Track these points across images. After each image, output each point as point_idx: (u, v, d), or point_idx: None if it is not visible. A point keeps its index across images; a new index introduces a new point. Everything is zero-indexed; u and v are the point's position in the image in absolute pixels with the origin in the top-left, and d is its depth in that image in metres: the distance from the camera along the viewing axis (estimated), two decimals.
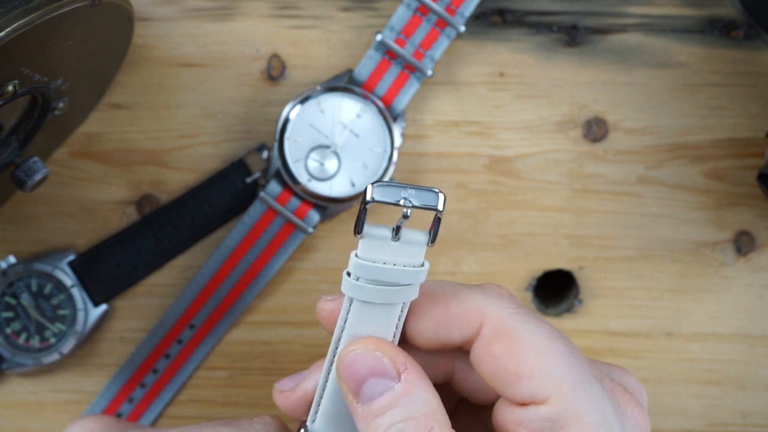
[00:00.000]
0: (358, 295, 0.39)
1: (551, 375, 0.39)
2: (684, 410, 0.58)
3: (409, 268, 0.39)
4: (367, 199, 0.38)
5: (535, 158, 0.57)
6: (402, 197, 0.38)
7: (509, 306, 0.40)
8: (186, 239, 0.57)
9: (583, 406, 0.39)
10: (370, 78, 0.56)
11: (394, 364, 0.39)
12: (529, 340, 0.39)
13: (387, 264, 0.39)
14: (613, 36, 0.57)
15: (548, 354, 0.39)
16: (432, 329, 0.41)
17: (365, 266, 0.39)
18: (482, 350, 0.40)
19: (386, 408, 0.39)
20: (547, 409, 0.39)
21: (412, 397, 0.39)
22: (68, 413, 0.57)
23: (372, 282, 0.39)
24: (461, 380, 0.43)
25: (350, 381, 0.39)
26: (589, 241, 0.57)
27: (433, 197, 0.38)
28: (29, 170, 0.50)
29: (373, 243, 0.39)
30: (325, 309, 0.42)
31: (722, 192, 0.58)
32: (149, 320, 0.57)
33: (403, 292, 0.39)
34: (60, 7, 0.43)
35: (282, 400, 0.43)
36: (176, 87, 0.57)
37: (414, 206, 0.38)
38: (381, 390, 0.39)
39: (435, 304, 0.41)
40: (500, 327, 0.40)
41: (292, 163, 0.55)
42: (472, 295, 0.41)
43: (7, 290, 0.56)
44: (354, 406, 0.39)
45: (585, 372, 0.39)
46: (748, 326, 0.58)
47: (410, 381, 0.39)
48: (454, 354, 0.43)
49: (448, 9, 0.55)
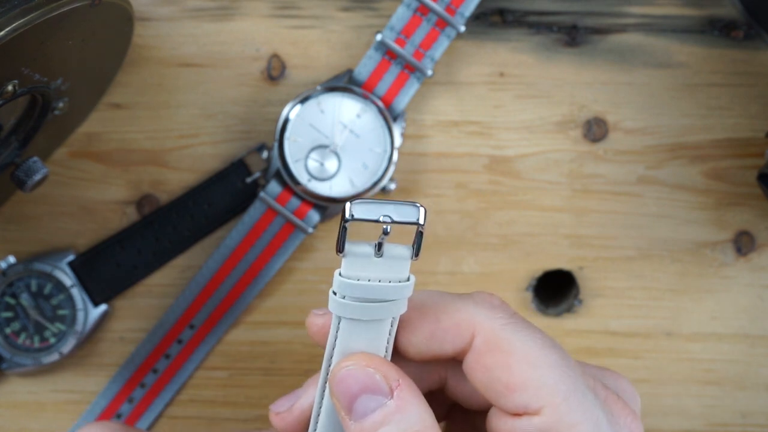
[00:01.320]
0: (345, 314, 0.39)
1: (544, 385, 0.39)
2: (684, 410, 0.58)
3: (394, 284, 0.39)
4: (347, 217, 0.37)
5: (535, 158, 0.57)
6: (381, 214, 0.37)
7: (501, 316, 0.40)
8: (186, 239, 0.57)
9: (577, 416, 0.39)
10: (370, 78, 0.56)
11: (386, 380, 0.39)
12: (521, 350, 0.39)
13: (372, 281, 0.38)
14: (613, 36, 0.57)
15: (541, 364, 0.39)
16: (424, 343, 0.40)
17: (350, 285, 0.38)
18: (474, 362, 0.40)
19: (379, 425, 0.38)
20: (541, 419, 0.39)
21: (405, 414, 0.38)
22: (68, 413, 0.57)
23: (358, 300, 0.39)
24: (454, 387, 0.43)
25: (342, 398, 0.39)
26: (589, 241, 0.57)
27: (414, 211, 0.38)
28: (29, 170, 0.50)
29: (355, 261, 0.38)
30: (316, 324, 0.42)
31: (722, 192, 0.58)
32: (149, 320, 0.57)
33: (391, 308, 0.39)
34: (60, 6, 0.43)
35: (279, 421, 0.43)
36: (176, 87, 0.57)
37: (394, 222, 0.37)
38: (374, 407, 0.38)
39: (425, 318, 0.40)
40: (492, 338, 0.40)
41: (292, 163, 0.55)
42: (463, 306, 0.40)
43: (7, 290, 0.56)
44: (347, 423, 0.39)
45: (577, 381, 0.39)
46: (748, 326, 0.58)
47: (403, 397, 0.39)
48: (447, 362, 0.43)
49: (448, 9, 0.55)
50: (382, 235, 0.38)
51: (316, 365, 0.50)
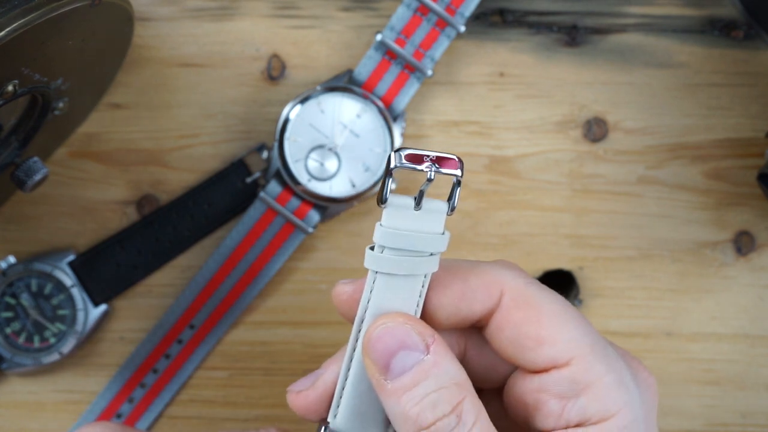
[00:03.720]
0: (383, 268, 0.39)
1: (572, 338, 0.40)
2: (684, 410, 0.58)
3: (433, 235, 0.39)
4: (392, 166, 0.38)
5: (535, 158, 0.57)
6: (425, 163, 0.38)
7: (524, 276, 0.41)
8: (186, 239, 0.57)
9: (603, 367, 0.40)
10: (370, 78, 0.56)
11: (422, 337, 0.39)
12: (547, 306, 0.40)
13: (411, 231, 0.39)
14: (613, 36, 0.57)
15: (567, 319, 0.40)
16: (454, 303, 0.41)
17: (391, 234, 0.39)
18: (503, 318, 0.41)
19: (418, 380, 0.39)
20: (570, 370, 0.40)
21: (442, 368, 0.39)
22: (68, 413, 0.57)
23: (396, 253, 0.39)
24: (473, 358, 0.43)
25: (380, 357, 0.39)
26: (589, 241, 0.57)
27: (453, 162, 0.39)
28: (29, 170, 0.50)
29: (396, 212, 0.39)
30: (345, 292, 0.42)
31: (722, 192, 0.58)
32: (149, 320, 0.57)
33: (427, 263, 0.40)
34: (60, 6, 0.43)
35: (300, 401, 0.42)
36: (176, 87, 0.57)
37: (438, 171, 0.39)
38: (411, 363, 0.39)
39: (455, 278, 0.41)
40: (519, 295, 0.41)
41: (292, 163, 0.55)
42: (490, 268, 0.41)
43: (7, 290, 0.56)
44: (382, 385, 0.39)
45: (598, 336, 0.41)
46: (748, 326, 0.58)
47: (438, 353, 0.39)
48: (466, 333, 0.43)
49: (448, 9, 0.55)
50: (426, 182, 0.39)
51: (316, 365, 0.50)
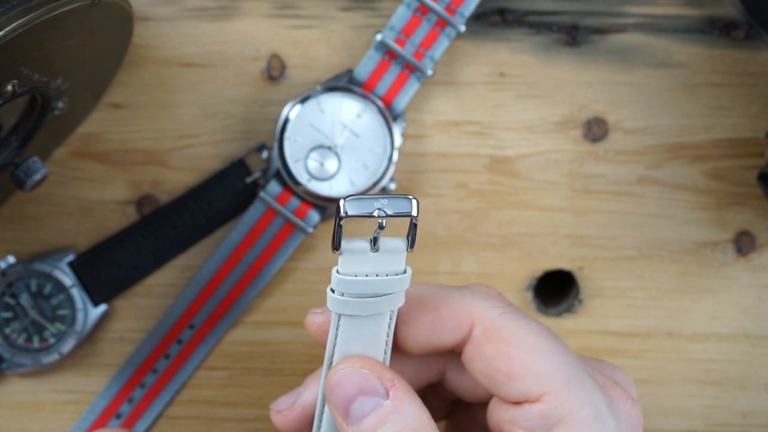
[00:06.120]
0: (345, 311, 0.39)
1: (543, 372, 0.39)
2: (684, 410, 0.58)
3: (392, 277, 0.39)
4: (341, 215, 0.38)
5: (535, 158, 0.57)
6: (375, 208, 0.38)
7: (498, 306, 0.40)
8: (186, 239, 0.57)
9: (577, 401, 0.39)
10: (370, 78, 0.56)
11: (381, 381, 0.39)
12: (520, 338, 0.39)
13: (369, 276, 0.38)
14: (613, 36, 0.57)
15: (539, 352, 0.39)
16: (423, 335, 0.41)
17: (348, 281, 0.38)
18: (474, 352, 0.40)
19: (376, 426, 0.38)
20: (541, 406, 0.39)
21: (401, 413, 0.38)
22: (68, 413, 0.57)
23: (357, 296, 0.39)
24: (454, 379, 0.43)
25: (339, 402, 0.39)
26: (589, 241, 0.57)
27: (407, 204, 0.38)
28: (29, 170, 0.50)
29: (352, 257, 0.38)
30: (315, 323, 0.42)
31: (722, 192, 0.58)
32: (149, 320, 0.57)
33: (389, 301, 0.39)
34: (59, 6, 0.43)
35: (281, 419, 0.43)
36: (176, 87, 0.57)
37: (388, 215, 0.38)
38: (370, 408, 0.39)
39: (424, 310, 0.41)
40: (490, 328, 0.40)
41: (292, 163, 0.55)
42: (461, 297, 0.41)
43: (7, 290, 0.56)
44: (344, 429, 0.39)
45: (576, 367, 0.39)
46: (748, 326, 0.57)
47: (399, 397, 0.39)
48: (446, 355, 0.43)
49: (448, 9, 0.55)
50: (378, 229, 0.38)
51: (316, 365, 0.50)
